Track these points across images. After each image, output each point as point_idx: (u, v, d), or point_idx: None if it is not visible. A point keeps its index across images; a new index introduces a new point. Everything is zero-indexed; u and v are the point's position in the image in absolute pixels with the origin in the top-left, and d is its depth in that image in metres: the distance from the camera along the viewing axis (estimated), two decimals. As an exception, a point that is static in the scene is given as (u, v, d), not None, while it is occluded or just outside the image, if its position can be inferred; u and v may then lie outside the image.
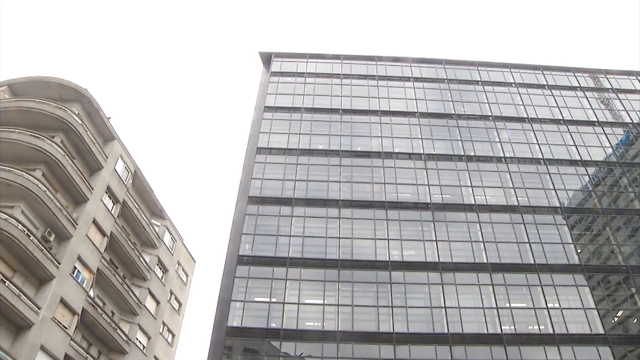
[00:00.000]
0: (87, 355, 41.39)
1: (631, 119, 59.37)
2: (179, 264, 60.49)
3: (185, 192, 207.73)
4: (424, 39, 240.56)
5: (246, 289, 40.81)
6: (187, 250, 63.12)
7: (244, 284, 41.00)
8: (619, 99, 62.14)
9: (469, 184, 49.59)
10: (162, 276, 56.02)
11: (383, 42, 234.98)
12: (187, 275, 62.46)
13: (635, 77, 65.82)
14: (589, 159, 53.68)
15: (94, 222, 45.04)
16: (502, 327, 39.80)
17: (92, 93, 47.70)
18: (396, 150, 52.08)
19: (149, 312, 51.92)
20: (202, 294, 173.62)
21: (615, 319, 41.89)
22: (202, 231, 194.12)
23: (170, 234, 59.21)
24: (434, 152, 52.20)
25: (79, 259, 42.30)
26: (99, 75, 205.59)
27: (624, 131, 58.04)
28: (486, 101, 59.23)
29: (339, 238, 44.12)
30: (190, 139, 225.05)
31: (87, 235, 43.64)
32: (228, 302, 39.54)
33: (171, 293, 57.76)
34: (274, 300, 40.08)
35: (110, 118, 49.56)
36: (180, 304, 59.73)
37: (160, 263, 55.81)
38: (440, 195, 48.41)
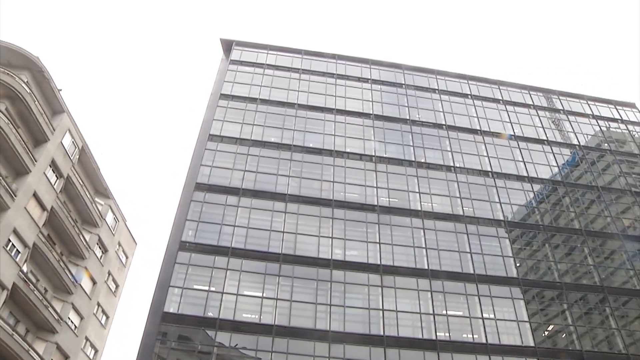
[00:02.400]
0: (13, 333, 39.96)
1: (578, 141, 60.72)
2: (119, 244, 59.43)
3: (133, 173, 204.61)
4: (389, 42, 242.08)
5: (186, 276, 40.17)
6: (129, 231, 62.06)
7: (184, 271, 40.37)
8: (569, 120, 63.53)
9: (417, 190, 49.94)
10: (101, 256, 54.96)
11: (349, 40, 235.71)
12: (127, 257, 61.42)
13: (585, 102, 67.38)
14: (536, 176, 54.67)
15: (35, 195, 43.83)
16: (437, 334, 40.23)
17: (45, 63, 46.41)
18: (348, 149, 52.08)
19: (84, 291, 50.87)
20: (141, 278, 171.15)
21: (546, 332, 42.88)
22: (147, 214, 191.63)
23: (114, 213, 58.13)
24: (385, 155, 52.44)
25: (15, 232, 41.03)
26: (55, 50, 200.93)
27: (570, 152, 59.33)
28: (441, 110, 59.78)
29: (283, 232, 43.90)
30: (143, 120, 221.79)
31: (25, 208, 42.42)
32: (166, 288, 38.91)
33: (109, 274, 56.74)
34: (212, 289, 39.61)
35: (61, 90, 48.30)
36: (117, 286, 58.71)
37: (100, 242, 54.72)
38: (387, 199, 48.62)
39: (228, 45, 62.42)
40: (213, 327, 37.53)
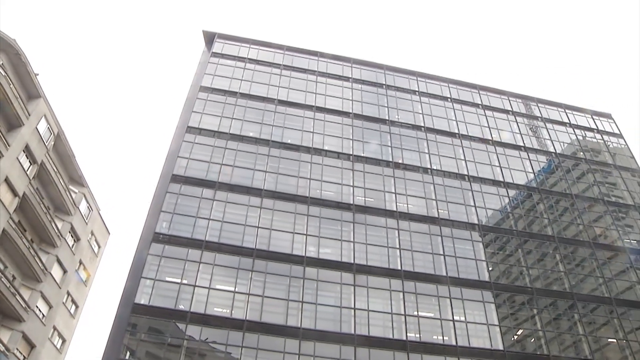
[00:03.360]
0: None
1: (555, 149, 61.26)
2: (92, 233, 58.75)
3: (109, 162, 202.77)
4: (372, 42, 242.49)
5: (158, 268, 39.82)
6: (103, 220, 61.38)
7: (157, 262, 40.03)
8: (547, 128, 64.07)
9: (393, 191, 50.00)
10: (72, 244, 54.27)
11: (333, 38, 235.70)
12: (99, 247, 60.73)
13: (563, 110, 68.00)
14: (511, 181, 55.04)
15: (6, 180, 43.03)
16: (408, 334, 40.37)
17: (23, 47, 45.62)
18: (326, 147, 51.99)
19: (54, 280, 50.16)
20: (113, 268, 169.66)
21: (515, 336, 43.23)
22: (121, 204, 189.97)
23: (87, 202, 57.45)
24: (362, 155, 52.44)
25: (-16, 217, 40.36)
26: (35, 36, 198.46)
27: (547, 159, 59.84)
28: (420, 112, 59.92)
29: (258, 227, 43.73)
30: (121, 108, 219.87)
31: (-4, 193, 41.73)
32: (138, 279, 38.57)
33: (80, 263, 56.05)
34: (184, 281, 39.32)
35: (38, 75, 47.54)
36: (88, 276, 58.04)
37: (72, 231, 54.03)
38: (363, 198, 48.62)
39: (210, 38, 61.99)
40: (184, 320, 37.28)
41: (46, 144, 48.62)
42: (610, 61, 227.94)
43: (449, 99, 63.08)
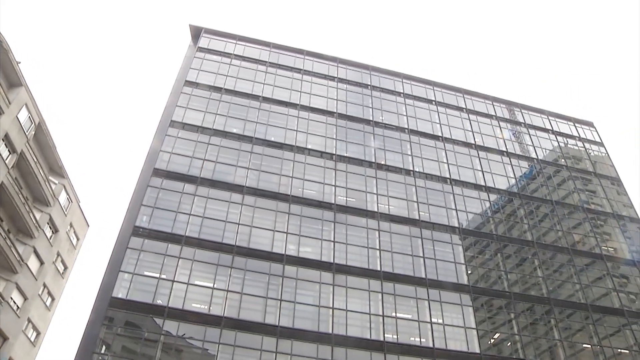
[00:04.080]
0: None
1: (537, 155, 61.66)
2: (71, 225, 58.13)
3: (90, 154, 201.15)
4: (358, 42, 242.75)
5: (137, 262, 39.51)
6: (82, 213, 60.78)
7: (136, 256, 39.72)
8: (529, 134, 64.44)
9: (375, 192, 50.04)
10: (51, 236, 53.66)
11: (320, 37, 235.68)
12: (78, 239, 60.12)
13: (546, 117, 68.45)
14: (493, 186, 55.31)
15: (-16, 169, 42.51)
16: (385, 335, 40.40)
17: (5, 34, 44.98)
18: (309, 146, 51.94)
19: (30, 271, 49.52)
20: (91, 261, 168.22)
21: (492, 340, 43.45)
22: (102, 196, 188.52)
23: (67, 193, 56.83)
24: (345, 155, 52.42)
25: (-40, 206, 39.75)
26: (19, 25, 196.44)
27: (528, 165, 60.18)
28: (405, 114, 60.01)
29: (239, 224, 43.57)
30: (104, 100, 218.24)
31: (-27, 182, 41.12)
32: (116, 272, 38.22)
33: (58, 255, 55.43)
34: (163, 276, 39.05)
35: (20, 63, 46.91)
36: (66, 268, 57.41)
37: (51, 222, 53.43)
38: (345, 198, 48.61)
39: (197, 32, 61.64)
40: (161, 315, 37.01)
41: (26, 134, 48.00)
42: (594, 70, 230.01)
43: (434, 102, 63.26)
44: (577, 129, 68.56)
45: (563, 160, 62.97)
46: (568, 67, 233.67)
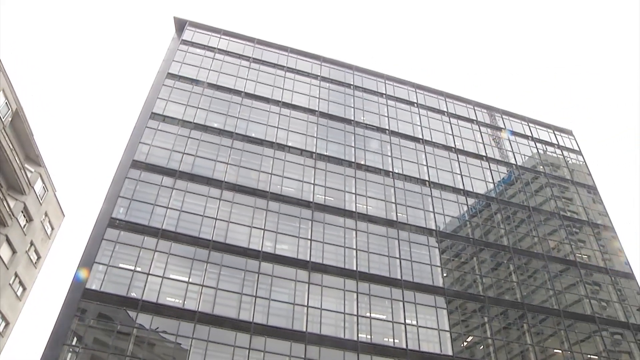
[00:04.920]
0: None
1: (515, 161, 62.11)
2: (46, 215, 57.42)
3: (69, 143, 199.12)
4: (342, 42, 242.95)
5: (112, 254, 39.11)
6: (58, 202, 60.07)
7: (111, 248, 39.33)
8: (509, 140, 64.85)
9: (353, 191, 50.07)
10: (24, 225, 52.95)
11: (306, 35, 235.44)
12: (52, 229, 59.41)
13: (526, 123, 68.94)
14: (471, 190, 55.59)
15: (-42, 154, 41.82)
16: (359, 335, 40.41)
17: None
18: (289, 144, 51.85)
19: (2, 260, 48.89)
20: (65, 252, 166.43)
21: (465, 343, 43.69)
22: (79, 187, 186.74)
23: (43, 182, 56.13)
24: (325, 153, 52.38)
25: None
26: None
27: (507, 171, 60.61)
28: (386, 115, 60.12)
29: (216, 219, 43.37)
30: (85, 89, 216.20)
31: (-54, 167, 40.41)
32: (91, 264, 37.77)
33: (31, 244, 54.72)
34: (138, 269, 38.72)
35: (-3, 49, 46.33)
36: (39, 257, 56.72)
37: (25, 210, 52.73)
38: (323, 197, 48.56)
39: (181, 25, 61.20)
40: (135, 308, 36.68)
41: (3, 120, 47.39)
42: (576, 78, 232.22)
43: (415, 104, 63.42)
44: (556, 137, 69.13)
45: (541, 167, 63.50)
46: (550, 74, 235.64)
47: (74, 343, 34.86)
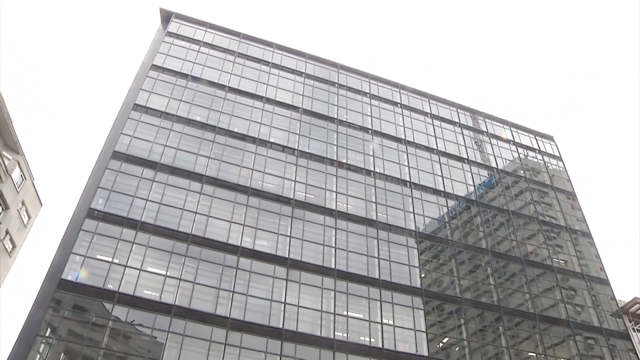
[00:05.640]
0: None
1: (497, 164, 62.40)
2: (23, 203, 56.75)
3: (50, 132, 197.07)
4: (329, 39, 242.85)
5: (90, 244, 38.72)
6: (36, 191, 59.39)
7: (89, 239, 38.95)
8: (491, 143, 65.15)
9: (334, 189, 50.07)
10: (0, 213, 52.36)
11: (294, 31, 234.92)
12: (29, 217, 58.74)
13: (509, 128, 69.28)
14: (452, 192, 55.83)
15: None
16: (336, 333, 40.42)
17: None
18: (272, 140, 51.70)
19: (-24, 248, 48.35)
20: (42, 241, 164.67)
21: (441, 344, 43.84)
22: (58, 176, 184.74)
23: (21, 170, 55.43)
24: (307, 151, 52.31)
25: None
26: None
27: (488, 174, 60.88)
28: (369, 114, 60.15)
29: (196, 213, 43.17)
30: (67, 77, 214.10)
31: None
32: (67, 254, 37.37)
33: (7, 233, 54.06)
34: (116, 261, 38.39)
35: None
36: (14, 246, 56.06)
37: (1, 198, 52.08)
38: (304, 194, 48.51)
39: (167, 16, 60.68)
40: (111, 300, 36.38)
41: (-20, 106, 46.79)
42: (560, 83, 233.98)
43: (399, 105, 63.51)
44: (537, 142, 69.55)
45: (522, 171, 63.88)
46: (533, 81, 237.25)
47: (47, 334, 34.51)
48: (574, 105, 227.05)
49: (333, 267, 44.30)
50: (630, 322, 53.42)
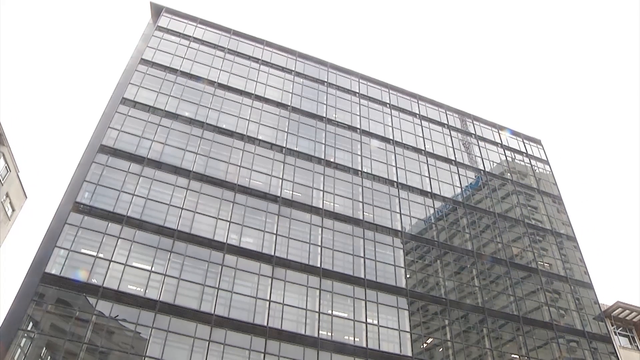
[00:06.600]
0: None
1: (484, 167, 62.57)
2: (7, 195, 56.38)
3: (36, 124, 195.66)
4: (320, 38, 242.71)
5: (74, 238, 38.40)
6: (21, 183, 59.00)
7: (74, 233, 38.64)
8: (479, 145, 65.34)
9: (321, 188, 50.02)
10: (-17, 205, 52.05)
11: (285, 28, 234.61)
12: (13, 210, 58.36)
13: (497, 130, 69.49)
14: (439, 193, 55.91)
15: None
16: (320, 332, 40.41)
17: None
18: (260, 137, 51.59)
19: (-42, 240, 47.94)
20: (27, 235, 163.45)
21: (425, 345, 43.91)
22: (44, 169, 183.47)
23: (6, 162, 55.08)
24: (295, 149, 52.24)
25: None
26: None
27: (475, 176, 61.05)
28: (358, 114, 60.15)
29: (182, 209, 42.97)
30: (54, 69, 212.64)
31: None
32: (52, 247, 37.04)
33: (-10, 225, 53.80)
34: (100, 255, 38.11)
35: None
36: (-3, 237, 55.75)
37: (-15, 190, 51.84)
38: (291, 192, 48.44)
39: (157, 10, 60.30)
40: (95, 295, 36.14)
41: (-33, 97, 46.34)
42: (545, 89, 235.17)
43: (388, 105, 63.54)
44: (525, 145, 69.82)
45: (509, 174, 64.10)
46: (522, 84, 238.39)
47: (29, 328, 34.21)
48: (561, 109, 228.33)
49: (319, 265, 44.26)
50: (612, 325, 53.80)
